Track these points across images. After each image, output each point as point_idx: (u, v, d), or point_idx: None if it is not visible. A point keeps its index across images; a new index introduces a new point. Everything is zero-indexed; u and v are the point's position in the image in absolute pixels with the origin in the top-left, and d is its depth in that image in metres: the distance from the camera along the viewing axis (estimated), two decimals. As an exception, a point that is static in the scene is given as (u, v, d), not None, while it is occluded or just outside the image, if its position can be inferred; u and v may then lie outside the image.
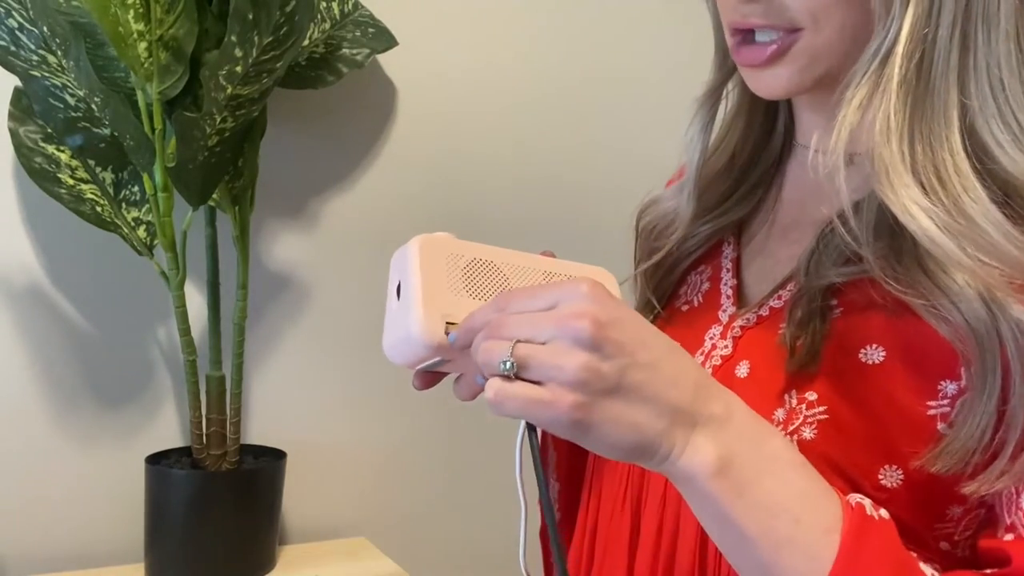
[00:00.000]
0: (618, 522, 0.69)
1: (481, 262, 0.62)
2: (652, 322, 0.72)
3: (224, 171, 1.15)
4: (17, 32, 1.13)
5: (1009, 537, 0.55)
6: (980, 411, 0.55)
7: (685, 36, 1.51)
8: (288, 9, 1.04)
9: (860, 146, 0.59)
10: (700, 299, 0.74)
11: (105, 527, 1.28)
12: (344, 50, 1.28)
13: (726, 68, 0.72)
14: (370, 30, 1.31)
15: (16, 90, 1.18)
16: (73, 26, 1.08)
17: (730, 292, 0.72)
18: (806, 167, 0.65)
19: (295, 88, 1.26)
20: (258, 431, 1.36)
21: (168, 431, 1.32)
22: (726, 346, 0.68)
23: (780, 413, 0.62)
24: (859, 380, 0.60)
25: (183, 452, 1.26)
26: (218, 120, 1.07)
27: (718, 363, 0.68)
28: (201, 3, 1.11)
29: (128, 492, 1.26)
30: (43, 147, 1.17)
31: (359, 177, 1.41)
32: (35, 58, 1.13)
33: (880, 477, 0.58)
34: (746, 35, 0.63)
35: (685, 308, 0.75)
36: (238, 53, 1.03)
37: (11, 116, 1.17)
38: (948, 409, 0.57)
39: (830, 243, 0.63)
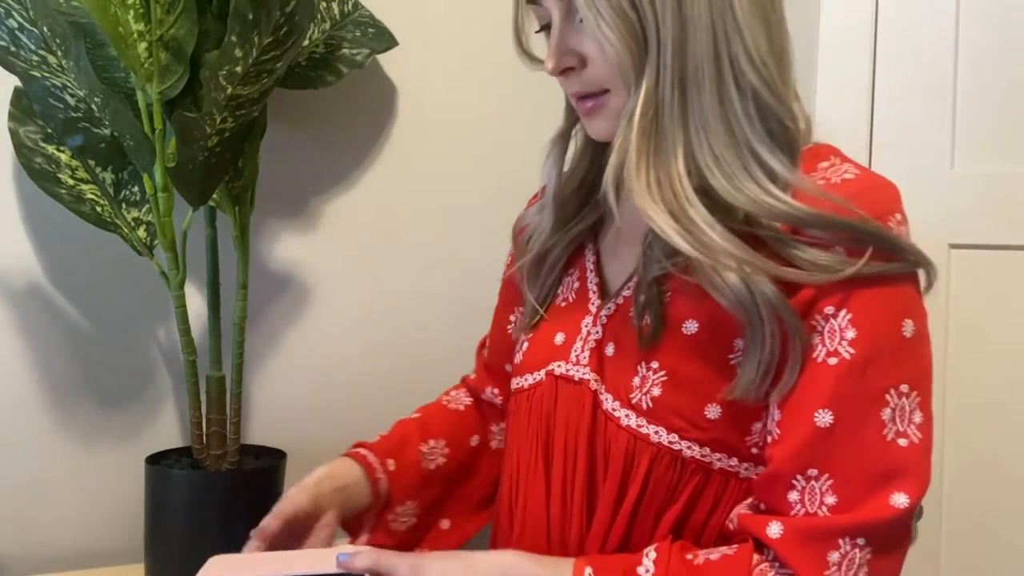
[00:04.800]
0: (533, 475, 0.90)
1: None
2: (537, 322, 0.97)
3: (224, 171, 1.15)
4: (17, 32, 1.13)
5: (769, 440, 0.80)
6: (756, 357, 0.77)
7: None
8: (288, 9, 1.04)
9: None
10: (574, 296, 0.95)
11: (105, 527, 1.28)
12: (344, 50, 1.28)
13: (572, 117, 0.93)
14: (370, 30, 1.31)
15: (16, 90, 1.18)
16: (73, 26, 1.08)
17: (595, 288, 0.93)
18: None
19: (295, 88, 1.26)
20: (258, 431, 1.36)
21: (168, 431, 1.32)
22: (597, 332, 0.89)
23: (636, 380, 0.83)
24: (684, 347, 0.82)
25: (183, 452, 1.26)
26: (218, 120, 1.07)
27: (593, 346, 0.89)
28: (201, 3, 1.11)
29: (128, 492, 1.26)
30: (43, 147, 1.17)
31: (359, 177, 1.41)
32: (35, 58, 1.13)
33: (706, 412, 0.81)
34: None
35: (563, 304, 0.96)
36: (238, 53, 1.03)
37: (11, 116, 1.17)
38: (743, 358, 0.79)
39: (653, 244, 0.84)
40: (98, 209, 1.18)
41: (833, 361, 0.76)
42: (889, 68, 1.30)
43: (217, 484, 1.19)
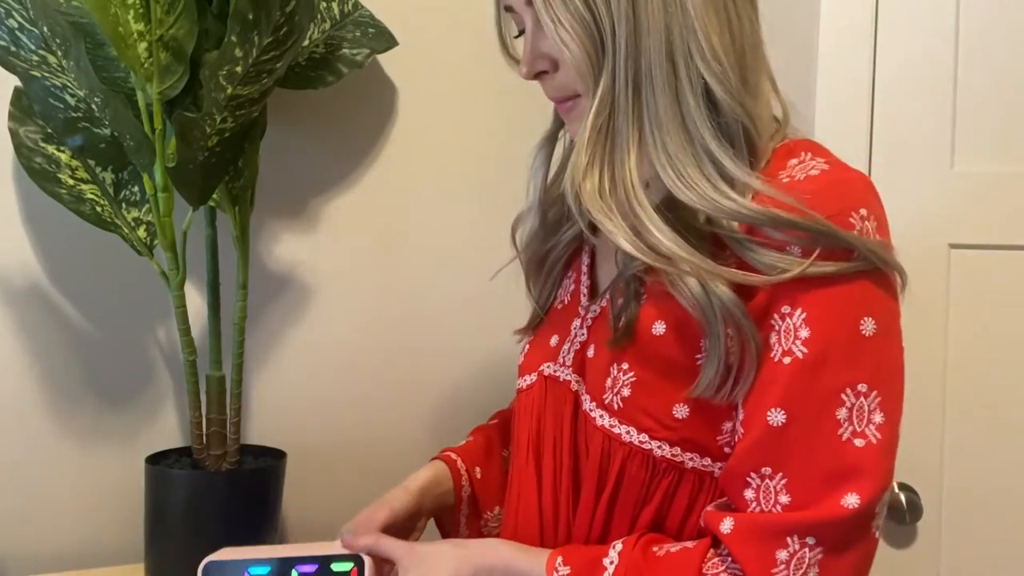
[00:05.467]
0: (526, 472, 0.93)
1: None
2: (537, 325, 1.00)
3: (224, 171, 1.15)
4: (17, 32, 1.13)
5: (737, 438, 0.81)
6: (715, 356, 0.78)
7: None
8: (288, 9, 1.04)
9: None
10: (569, 298, 0.97)
11: (105, 527, 1.28)
12: (344, 50, 1.28)
13: (560, 119, 0.95)
14: (370, 30, 1.31)
15: (16, 90, 1.18)
16: (73, 26, 1.08)
17: (585, 290, 0.95)
18: None
19: (295, 88, 1.26)
20: (258, 431, 1.36)
21: (168, 431, 1.32)
22: (583, 333, 0.92)
23: (609, 381, 0.85)
24: (653, 348, 0.83)
25: (183, 452, 1.25)
26: (218, 120, 1.07)
27: (578, 347, 0.91)
28: (201, 3, 1.11)
29: (128, 492, 1.26)
30: (43, 147, 1.17)
31: (359, 177, 1.41)
32: (35, 58, 1.13)
33: (674, 412, 0.82)
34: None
35: (560, 306, 0.98)
36: (238, 53, 1.03)
37: (11, 116, 1.17)
38: (704, 358, 0.80)
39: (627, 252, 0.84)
40: (98, 209, 1.18)
41: (787, 360, 0.76)
42: (889, 68, 1.30)
43: (217, 484, 1.19)
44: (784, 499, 0.76)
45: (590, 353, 0.89)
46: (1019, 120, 1.29)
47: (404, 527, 0.99)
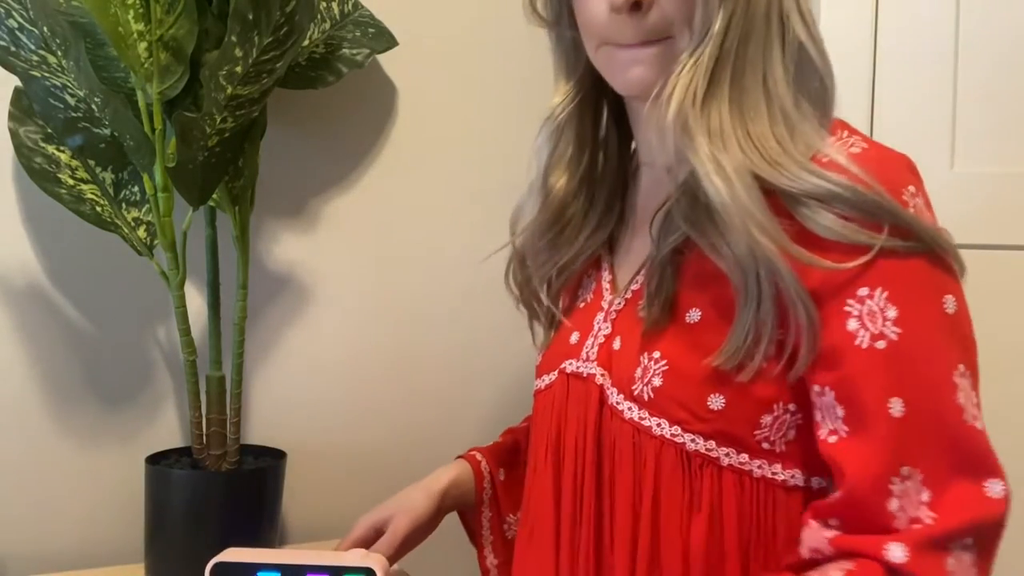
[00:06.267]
0: (544, 472, 0.89)
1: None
2: (558, 327, 0.96)
3: (224, 171, 1.15)
4: (17, 32, 1.13)
5: (833, 440, 0.74)
6: (744, 323, 0.74)
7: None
8: (288, 9, 1.04)
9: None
10: (590, 296, 0.94)
11: (105, 527, 1.28)
12: (344, 50, 1.28)
13: (567, 88, 0.92)
14: (370, 30, 1.31)
15: (16, 90, 1.18)
16: (73, 26, 1.08)
17: (607, 285, 0.92)
18: (650, 180, 0.91)
19: (295, 88, 1.26)
20: (258, 431, 1.36)
21: (168, 431, 1.32)
22: (608, 327, 0.88)
23: (639, 371, 0.81)
24: (686, 336, 0.79)
25: (183, 452, 1.26)
26: (218, 120, 1.07)
27: (602, 341, 0.88)
28: (201, 3, 1.11)
29: (128, 492, 1.26)
30: (43, 147, 1.17)
31: (359, 177, 1.41)
32: (35, 58, 1.13)
33: (708, 403, 0.77)
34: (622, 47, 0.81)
35: (581, 304, 0.95)
36: (238, 53, 1.03)
37: (11, 116, 1.17)
38: (733, 322, 0.76)
39: (673, 209, 0.82)
40: (98, 209, 1.18)
41: (881, 344, 0.71)
42: (889, 68, 1.30)
43: (217, 484, 1.19)
44: (924, 496, 0.71)
45: (616, 345, 0.85)
46: (1019, 120, 1.29)
47: (424, 527, 1.00)
